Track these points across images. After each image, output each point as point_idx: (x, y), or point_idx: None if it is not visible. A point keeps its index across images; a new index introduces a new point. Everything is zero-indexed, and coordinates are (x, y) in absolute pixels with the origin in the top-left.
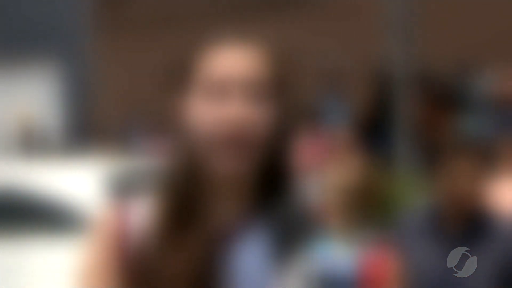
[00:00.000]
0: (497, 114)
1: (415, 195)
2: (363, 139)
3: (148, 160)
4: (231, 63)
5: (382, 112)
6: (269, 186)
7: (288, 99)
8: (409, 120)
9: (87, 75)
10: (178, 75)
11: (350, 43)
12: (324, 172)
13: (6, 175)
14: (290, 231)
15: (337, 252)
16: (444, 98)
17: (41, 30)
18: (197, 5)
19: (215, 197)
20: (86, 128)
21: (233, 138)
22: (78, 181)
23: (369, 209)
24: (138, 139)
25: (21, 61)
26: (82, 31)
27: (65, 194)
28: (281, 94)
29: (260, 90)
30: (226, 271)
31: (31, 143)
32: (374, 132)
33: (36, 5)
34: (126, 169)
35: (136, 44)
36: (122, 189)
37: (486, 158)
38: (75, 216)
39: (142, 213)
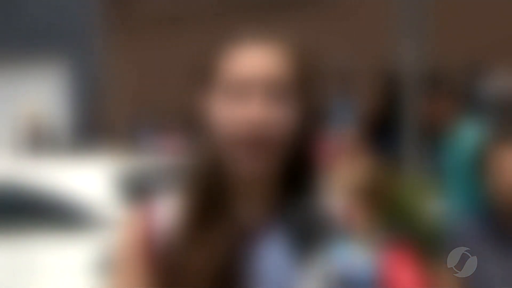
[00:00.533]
0: (506, 115)
1: (424, 196)
2: (371, 139)
3: (157, 158)
4: (252, 63)
5: (391, 112)
6: (291, 185)
7: (309, 98)
8: (419, 120)
9: (96, 73)
10: (200, 74)
11: (359, 42)
12: (333, 173)
13: (15, 173)
14: (309, 231)
15: (355, 254)
16: (455, 98)
17: (50, 28)
18: (207, 4)
19: (238, 196)
20: (95, 126)
21: (254, 139)
22: (87, 179)
23: (378, 210)
24: (148, 137)
25: (30, 60)
26: (91, 29)
27: (74, 193)
28: (302, 93)
29: (281, 90)
30: (249, 269)
31: (40, 142)
32: (383, 132)
33: (45, 4)
34: (136, 167)
35: (146, 42)
36: (132, 187)
37: None
38: (85, 214)
39: (167, 212)
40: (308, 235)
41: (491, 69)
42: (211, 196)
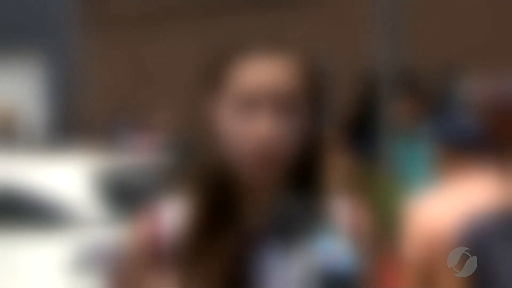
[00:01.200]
0: (473, 120)
1: (399, 194)
2: (348, 139)
3: (134, 156)
4: (262, 76)
5: (368, 113)
6: (294, 187)
7: (315, 109)
8: (395, 121)
9: (72, 69)
10: (209, 81)
11: (336, 44)
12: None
13: None
14: (299, 228)
15: (339, 248)
16: (425, 99)
17: (25, 23)
18: (184, 2)
19: (244, 200)
20: (70, 123)
21: (263, 153)
22: (64, 177)
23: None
24: (124, 135)
25: (5, 55)
26: (67, 24)
27: (50, 190)
28: (309, 106)
29: (291, 103)
30: (254, 271)
31: (14, 138)
32: (359, 132)
33: (22, 0)
34: (112, 165)
35: (122, 39)
36: (109, 185)
37: None
38: (61, 212)
39: (174, 217)
40: (296, 232)
41: (465, 73)
42: (218, 201)
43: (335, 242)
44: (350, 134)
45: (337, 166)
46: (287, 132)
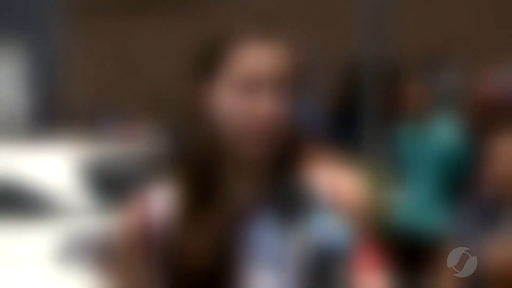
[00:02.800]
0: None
1: (383, 189)
2: (334, 131)
3: (119, 145)
4: (261, 58)
5: (351, 104)
6: (282, 165)
7: (301, 89)
8: (379, 113)
9: (55, 57)
10: (205, 64)
11: (320, 35)
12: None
13: None
14: (293, 206)
15: (333, 225)
16: (419, 87)
17: (7, 11)
18: None
19: (233, 178)
20: (54, 112)
21: (262, 132)
22: (47, 166)
23: None
24: (108, 124)
25: None
26: (50, 12)
27: (34, 180)
28: (298, 86)
29: (286, 84)
30: (244, 248)
31: None
32: (345, 123)
33: None
34: (97, 154)
35: (107, 26)
36: (94, 174)
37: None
38: (45, 201)
39: (163, 200)
40: (292, 209)
41: (449, 62)
42: (205, 181)
43: (329, 218)
44: (336, 125)
45: (320, 153)
46: (285, 112)
